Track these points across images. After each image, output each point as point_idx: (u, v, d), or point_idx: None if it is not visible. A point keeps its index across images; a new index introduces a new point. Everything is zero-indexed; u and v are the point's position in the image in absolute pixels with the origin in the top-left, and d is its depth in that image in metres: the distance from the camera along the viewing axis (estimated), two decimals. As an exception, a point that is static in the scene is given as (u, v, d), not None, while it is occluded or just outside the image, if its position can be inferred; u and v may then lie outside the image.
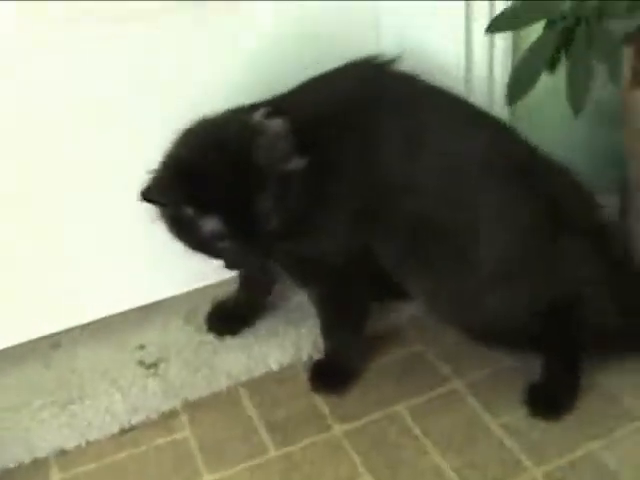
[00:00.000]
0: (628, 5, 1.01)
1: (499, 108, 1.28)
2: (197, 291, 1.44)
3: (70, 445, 1.27)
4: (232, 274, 1.38)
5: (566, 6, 1.09)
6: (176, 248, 1.33)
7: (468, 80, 1.27)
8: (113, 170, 1.29)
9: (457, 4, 1.20)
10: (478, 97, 1.28)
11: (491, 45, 1.25)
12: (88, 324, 1.41)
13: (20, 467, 1.25)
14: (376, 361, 1.37)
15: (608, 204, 1.34)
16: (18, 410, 1.29)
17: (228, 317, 1.42)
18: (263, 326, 1.41)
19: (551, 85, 1.14)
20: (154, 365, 1.35)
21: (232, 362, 1.35)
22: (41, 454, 1.26)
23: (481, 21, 1.20)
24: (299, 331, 1.39)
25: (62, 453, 1.27)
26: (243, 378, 1.34)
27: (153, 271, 1.39)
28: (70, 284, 1.37)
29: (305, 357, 1.37)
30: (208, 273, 1.37)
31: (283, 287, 1.44)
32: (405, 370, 1.36)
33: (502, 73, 1.28)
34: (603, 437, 1.21)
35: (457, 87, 1.26)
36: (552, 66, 1.12)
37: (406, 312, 1.43)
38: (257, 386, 1.34)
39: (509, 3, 1.15)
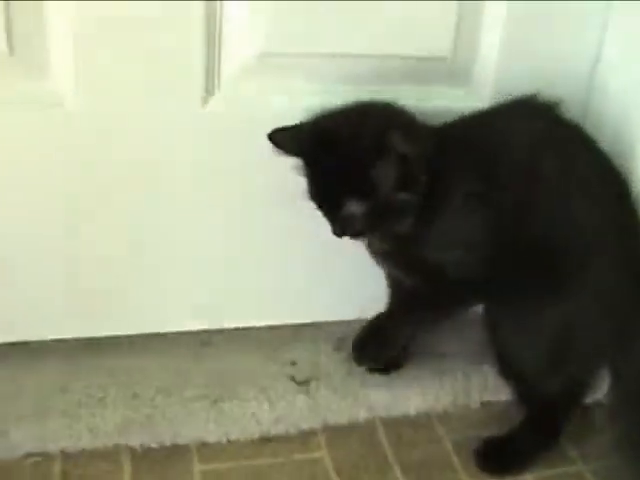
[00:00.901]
0: None
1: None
2: (349, 321, 1.51)
3: (212, 439, 1.36)
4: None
5: None
6: (338, 277, 1.48)
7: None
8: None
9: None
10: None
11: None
12: (239, 329, 1.51)
13: (161, 448, 1.34)
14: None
15: None
16: (170, 395, 1.38)
17: None
18: (410, 372, 1.48)
19: None
20: (306, 383, 1.43)
21: (375, 397, 1.43)
22: (183, 441, 1.35)
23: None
24: (442, 384, 1.47)
25: (203, 445, 1.35)
26: (382, 414, 1.43)
27: (313, 293, 1.49)
28: (229, 286, 1.47)
29: (441, 409, 1.46)
30: (365, 307, 1.48)
31: (433, 339, 1.54)
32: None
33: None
34: None
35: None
36: None
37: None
38: (393, 424, 1.43)
39: None
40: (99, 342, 1.44)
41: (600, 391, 1.48)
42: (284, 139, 1.21)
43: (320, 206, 1.23)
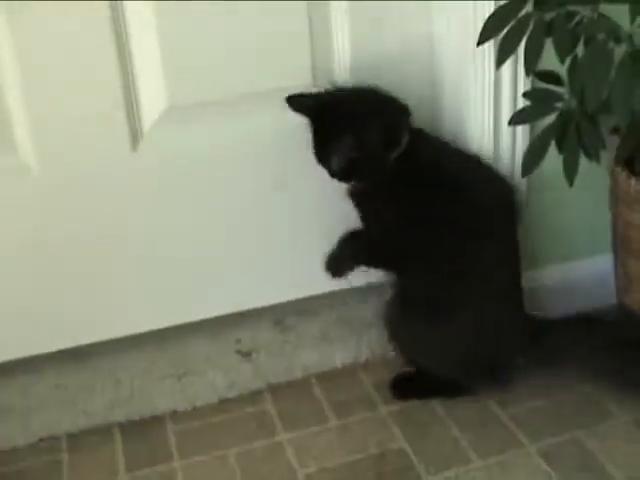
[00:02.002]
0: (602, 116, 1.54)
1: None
2: (283, 303, 1.92)
3: (180, 408, 1.78)
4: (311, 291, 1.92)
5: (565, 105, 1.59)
6: (271, 266, 1.88)
7: (496, 156, 1.76)
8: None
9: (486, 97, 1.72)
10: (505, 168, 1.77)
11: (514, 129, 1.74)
12: (199, 321, 1.89)
13: (142, 420, 1.76)
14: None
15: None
16: (144, 377, 1.80)
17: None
18: (334, 333, 1.90)
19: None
20: (248, 354, 1.85)
21: (307, 358, 1.85)
22: (158, 412, 1.77)
23: (506, 110, 1.70)
24: (361, 339, 1.88)
25: (174, 413, 1.77)
26: (314, 370, 1.85)
27: (253, 283, 1.88)
28: (180, 286, 1.84)
29: (363, 359, 1.87)
30: (294, 289, 1.91)
31: (349, 308, 1.96)
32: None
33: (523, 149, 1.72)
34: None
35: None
36: (559, 148, 1.60)
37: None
38: (324, 377, 1.84)
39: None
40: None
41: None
42: (298, 102, 1.63)
43: (318, 156, 1.64)
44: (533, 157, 1.58)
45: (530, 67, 1.49)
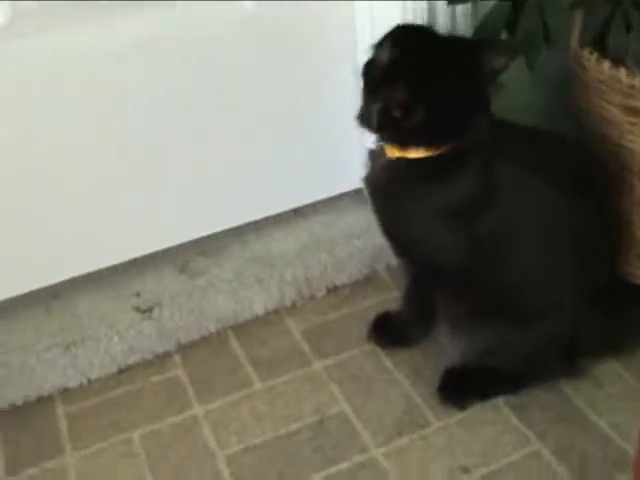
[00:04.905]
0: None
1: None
2: (189, 243, 1.65)
3: (72, 384, 1.51)
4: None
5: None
6: (168, 203, 1.61)
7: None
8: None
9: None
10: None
11: (453, 13, 1.50)
12: (86, 275, 1.62)
13: (26, 404, 1.49)
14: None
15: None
16: (23, 351, 1.51)
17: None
18: (250, 274, 1.62)
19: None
20: (149, 310, 1.56)
21: (221, 308, 1.58)
22: (46, 392, 1.50)
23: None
24: (283, 278, 1.61)
25: (65, 391, 1.51)
26: (231, 322, 1.59)
27: (147, 224, 1.61)
28: (68, 236, 1.57)
29: (289, 303, 1.62)
30: (199, 226, 1.65)
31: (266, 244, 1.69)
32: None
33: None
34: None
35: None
36: (511, 31, 1.35)
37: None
38: (244, 329, 1.59)
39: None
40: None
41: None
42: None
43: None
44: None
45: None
